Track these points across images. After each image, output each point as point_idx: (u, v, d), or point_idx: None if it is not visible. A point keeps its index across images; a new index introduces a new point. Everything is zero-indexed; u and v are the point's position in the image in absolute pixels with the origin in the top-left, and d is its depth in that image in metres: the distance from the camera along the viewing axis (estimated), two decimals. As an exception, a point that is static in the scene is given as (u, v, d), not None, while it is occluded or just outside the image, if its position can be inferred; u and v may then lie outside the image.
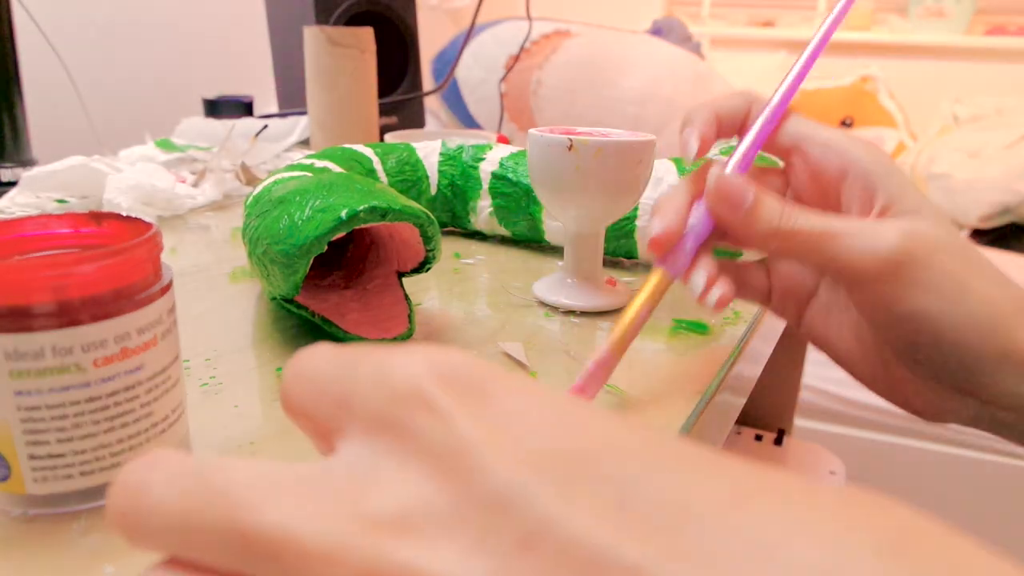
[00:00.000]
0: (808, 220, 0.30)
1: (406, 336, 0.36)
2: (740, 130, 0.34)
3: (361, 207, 0.32)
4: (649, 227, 0.32)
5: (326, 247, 0.33)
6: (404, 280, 0.39)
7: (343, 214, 0.32)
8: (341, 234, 0.33)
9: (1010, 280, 0.30)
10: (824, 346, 0.35)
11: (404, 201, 0.34)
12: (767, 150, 0.34)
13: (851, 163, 0.31)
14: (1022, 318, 0.29)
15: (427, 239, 0.36)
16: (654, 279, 0.31)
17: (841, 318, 0.34)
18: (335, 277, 0.41)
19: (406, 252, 0.38)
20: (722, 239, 0.33)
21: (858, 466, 1.22)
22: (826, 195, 0.33)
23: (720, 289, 0.31)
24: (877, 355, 0.33)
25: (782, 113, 0.34)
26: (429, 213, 0.35)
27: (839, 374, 1.28)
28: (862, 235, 0.29)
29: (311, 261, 0.33)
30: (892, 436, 1.25)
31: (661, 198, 0.33)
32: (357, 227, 0.33)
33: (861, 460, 1.24)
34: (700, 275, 0.31)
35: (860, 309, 0.32)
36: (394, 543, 0.12)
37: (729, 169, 0.32)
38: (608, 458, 0.13)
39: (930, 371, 0.31)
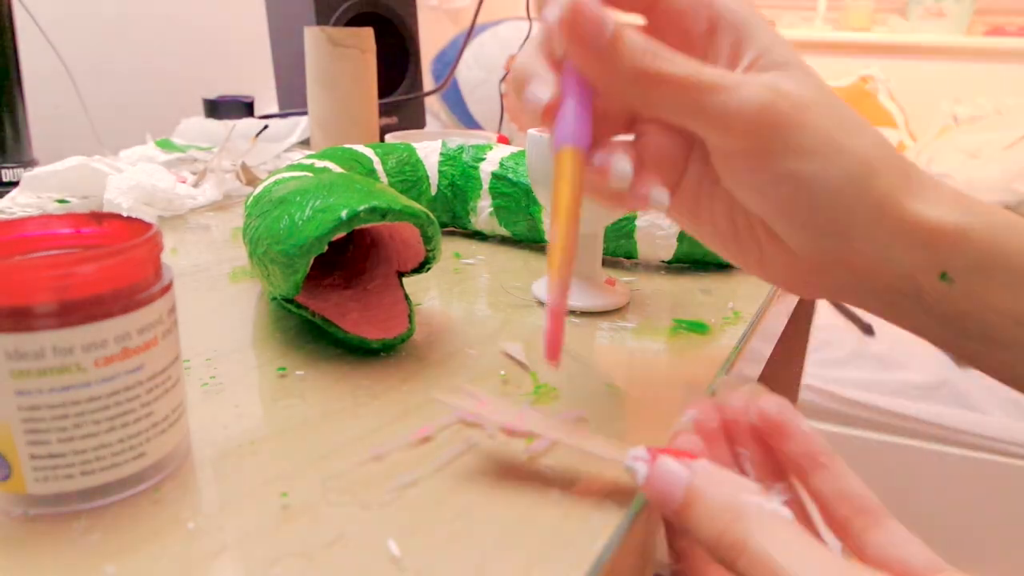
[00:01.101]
0: (676, 64, 0.26)
1: (406, 336, 0.36)
2: None
3: (361, 207, 0.32)
4: (524, 97, 0.27)
5: (326, 247, 0.33)
6: (404, 280, 0.39)
7: (343, 214, 0.32)
8: (341, 234, 0.33)
9: (885, 140, 0.28)
10: (695, 228, 0.32)
11: (404, 201, 0.34)
12: (625, 5, 0.29)
13: (721, 13, 0.28)
14: (896, 177, 0.28)
15: (427, 239, 0.36)
16: (564, 162, 0.26)
17: (712, 195, 0.31)
18: (335, 277, 0.41)
19: (406, 252, 0.38)
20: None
21: (858, 466, 1.21)
22: (691, 49, 0.29)
23: (656, 184, 0.28)
24: (749, 233, 0.30)
25: None
26: (429, 213, 0.35)
27: (839, 374, 1.28)
28: (731, 90, 0.26)
29: (311, 261, 0.33)
30: (892, 436, 1.25)
31: (521, 58, 0.28)
32: (357, 227, 0.33)
33: (861, 460, 1.24)
34: (621, 161, 0.27)
35: (731, 176, 0.29)
36: None
37: None
38: None
39: (804, 240, 0.29)
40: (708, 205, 0.31)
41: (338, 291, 0.39)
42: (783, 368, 0.87)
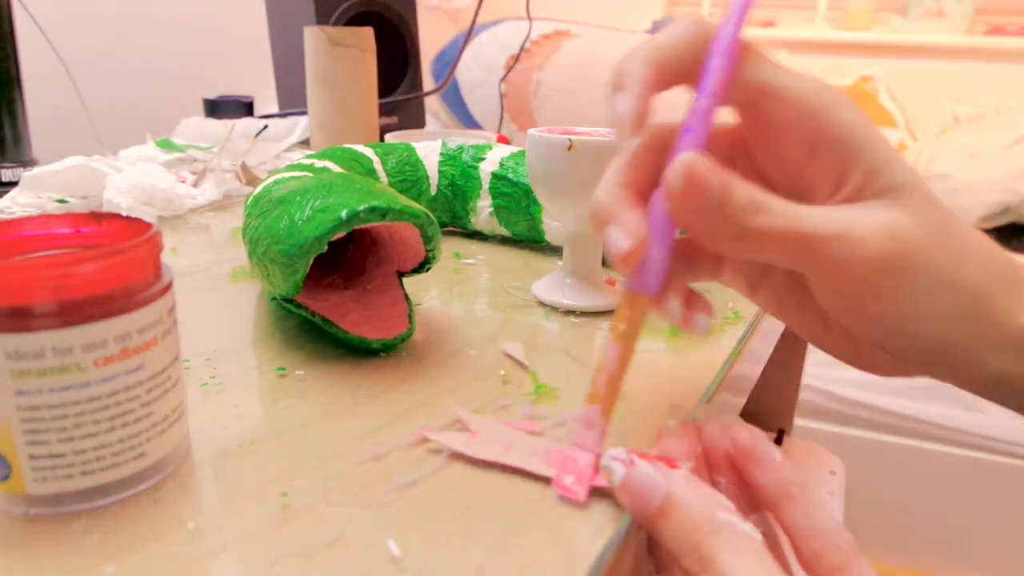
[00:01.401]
0: (778, 218, 0.25)
1: (406, 336, 0.36)
2: (691, 75, 0.27)
3: (361, 207, 0.32)
4: (604, 237, 0.25)
5: (326, 247, 0.33)
6: (404, 280, 0.39)
7: (343, 214, 0.32)
8: (341, 234, 0.33)
9: (996, 253, 0.27)
10: (781, 319, 0.31)
11: (404, 201, 0.34)
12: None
13: (826, 128, 0.26)
14: (1006, 297, 0.27)
15: (427, 239, 0.36)
16: (627, 308, 0.26)
17: (802, 300, 0.30)
18: (335, 277, 0.41)
19: (406, 252, 0.38)
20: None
21: (858, 466, 1.21)
22: (786, 161, 0.28)
23: (703, 313, 0.27)
24: (844, 335, 0.30)
25: (736, 50, 0.26)
26: (429, 213, 0.35)
27: (839, 374, 1.28)
28: (839, 240, 0.25)
29: (311, 261, 0.33)
30: (892, 436, 1.25)
31: (601, 194, 0.26)
32: (357, 227, 0.33)
33: (861, 460, 1.24)
34: (673, 303, 0.27)
35: (830, 306, 0.28)
36: None
37: (686, 148, 0.25)
38: None
39: (904, 357, 0.28)
40: (798, 308, 0.30)
41: (338, 291, 0.39)
42: (783, 368, 0.87)
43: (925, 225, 0.26)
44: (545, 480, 0.26)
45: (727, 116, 0.28)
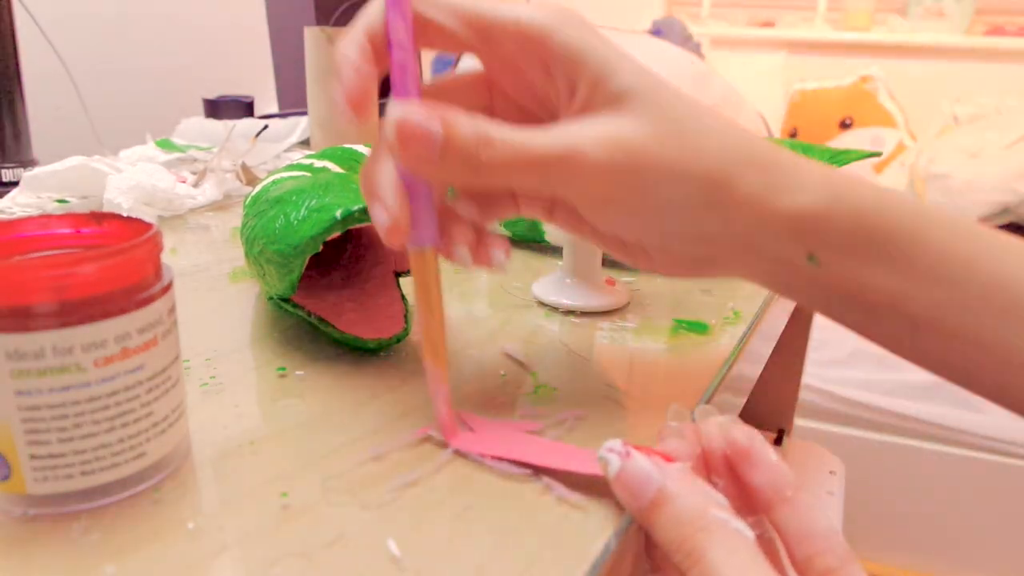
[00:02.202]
0: (507, 147, 0.26)
1: (401, 336, 0.36)
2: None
3: (356, 207, 0.33)
4: (373, 216, 0.27)
5: (322, 247, 0.33)
6: (405, 281, 0.39)
7: (338, 214, 0.32)
8: (336, 234, 0.33)
9: (741, 141, 0.28)
10: (582, 236, 0.32)
11: None
12: (442, 45, 0.28)
13: (550, 49, 0.27)
14: (754, 176, 0.28)
15: None
16: (420, 262, 0.28)
17: (583, 221, 0.31)
18: (333, 277, 0.41)
19: (402, 252, 0.38)
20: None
21: (858, 466, 1.21)
22: (534, 95, 0.29)
23: (498, 247, 0.29)
24: (631, 244, 0.31)
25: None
26: None
27: (839, 374, 1.28)
28: (562, 160, 0.26)
29: (306, 261, 0.33)
30: (892, 436, 1.25)
31: (365, 175, 0.28)
32: (355, 227, 0.33)
33: (861, 460, 1.24)
34: (461, 249, 0.28)
35: (590, 216, 0.30)
36: None
37: (400, 107, 0.25)
38: None
39: (676, 248, 0.30)
40: (582, 226, 0.31)
41: (335, 291, 0.39)
42: (783, 368, 0.87)
43: (652, 125, 0.27)
44: (547, 476, 0.26)
45: (473, 63, 0.30)
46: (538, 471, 0.27)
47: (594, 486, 0.26)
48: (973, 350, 0.29)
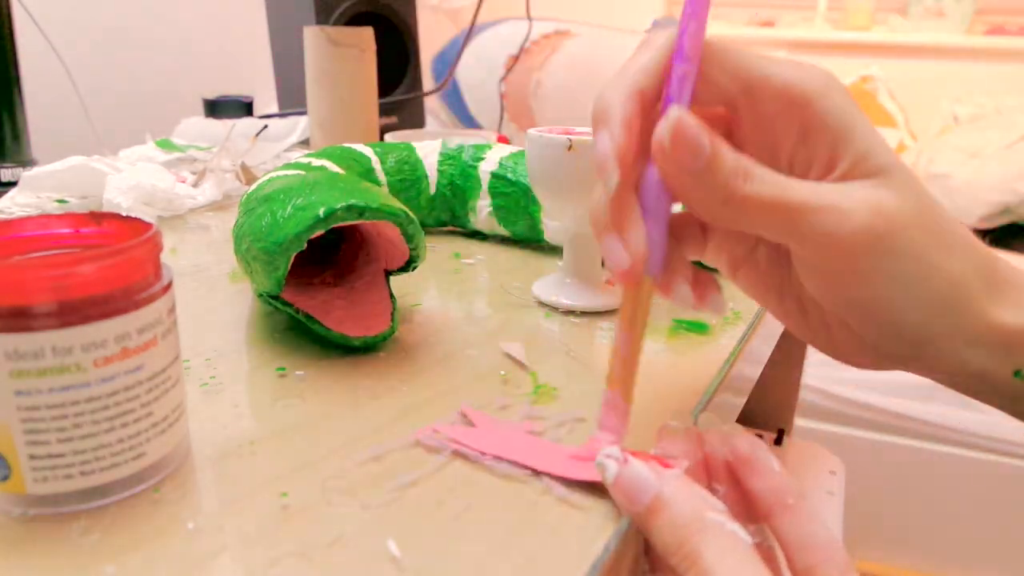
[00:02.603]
0: (767, 185, 0.25)
1: (387, 334, 0.36)
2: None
3: (339, 205, 0.33)
4: (604, 248, 0.26)
5: (318, 245, 0.33)
6: (402, 280, 0.39)
7: (321, 212, 0.33)
8: (320, 232, 0.33)
9: (976, 245, 0.27)
10: (760, 301, 0.31)
11: (383, 200, 0.34)
12: (703, 102, 0.27)
13: (815, 116, 0.26)
14: (981, 288, 0.27)
15: (408, 238, 0.36)
16: (632, 291, 0.27)
17: (782, 280, 0.30)
18: (326, 275, 0.41)
19: (393, 251, 0.38)
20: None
21: (858, 466, 1.21)
22: (775, 149, 0.28)
23: (713, 291, 0.28)
24: (820, 320, 0.30)
25: (704, 5, 0.26)
26: (409, 212, 0.35)
27: (839, 374, 1.28)
28: (826, 211, 0.25)
29: (292, 258, 0.33)
30: (892, 436, 1.25)
31: (598, 207, 0.27)
32: (348, 225, 0.33)
33: (861, 460, 1.24)
34: (682, 288, 0.27)
35: (813, 284, 0.28)
36: None
37: (673, 116, 0.25)
38: None
39: (881, 343, 0.28)
40: (777, 289, 0.30)
41: (326, 289, 0.39)
42: (783, 368, 0.87)
43: (911, 206, 0.26)
44: (549, 478, 0.26)
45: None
46: (538, 472, 0.27)
47: (594, 486, 0.26)
48: None
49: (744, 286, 0.31)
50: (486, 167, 0.54)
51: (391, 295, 0.38)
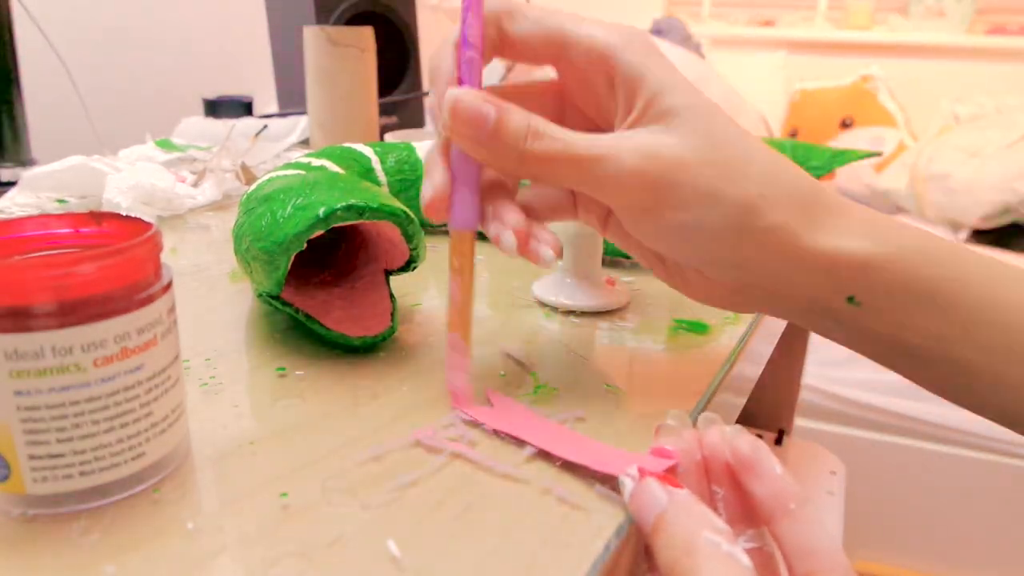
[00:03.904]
0: (554, 142, 0.28)
1: (388, 334, 0.36)
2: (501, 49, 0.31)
3: (339, 205, 0.33)
4: (422, 192, 0.30)
5: (318, 245, 0.33)
6: (402, 280, 0.39)
7: (320, 212, 0.33)
8: (320, 232, 0.33)
9: (782, 177, 0.29)
10: (629, 253, 0.34)
11: (384, 200, 0.34)
12: (523, 58, 0.31)
13: (614, 68, 0.29)
14: (787, 212, 0.29)
15: (408, 238, 0.36)
16: (456, 244, 0.30)
17: (627, 234, 0.33)
18: (326, 275, 0.41)
19: (393, 251, 0.38)
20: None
21: (858, 466, 1.22)
22: (599, 108, 0.31)
23: (546, 245, 0.30)
24: (674, 264, 0.32)
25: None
26: (409, 212, 0.35)
27: (839, 374, 1.28)
28: (603, 160, 0.28)
29: (292, 258, 0.33)
30: (892, 436, 1.25)
31: (426, 156, 0.31)
32: (348, 225, 0.33)
33: (861, 460, 1.24)
34: (507, 235, 0.30)
35: (629, 226, 0.31)
36: None
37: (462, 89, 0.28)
38: None
39: (710, 272, 0.31)
40: (629, 240, 0.33)
41: (327, 288, 0.39)
42: (783, 368, 0.87)
43: (693, 143, 0.28)
44: (548, 478, 0.26)
45: (549, 72, 0.32)
46: (547, 455, 0.27)
47: (594, 486, 0.26)
48: None
49: (615, 241, 0.34)
50: (486, 167, 0.54)
51: (391, 295, 0.38)
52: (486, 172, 0.31)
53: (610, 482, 0.26)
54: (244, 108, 1.00)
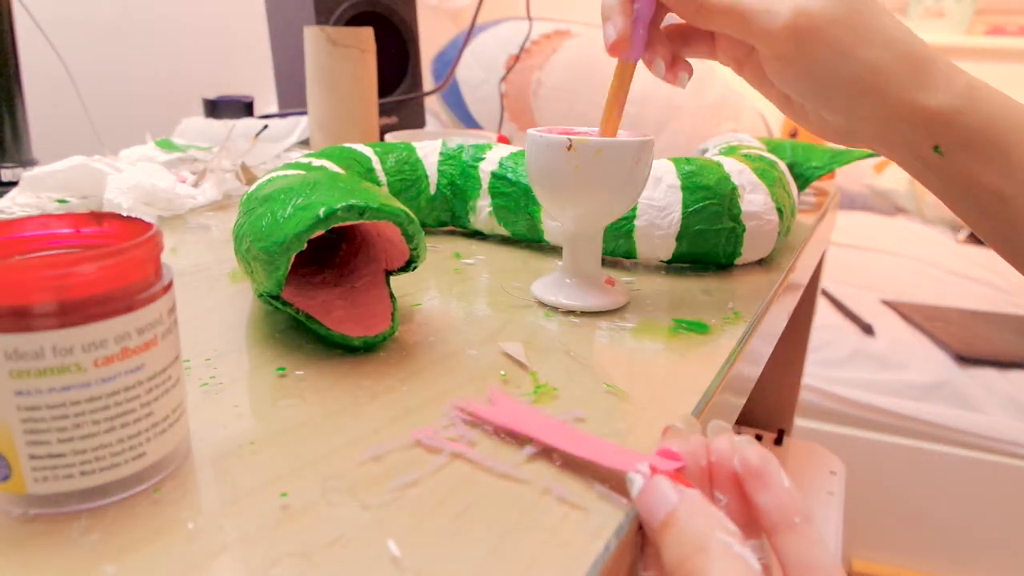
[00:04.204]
0: None
1: (388, 334, 0.36)
2: None
3: (339, 205, 0.33)
4: (604, 34, 0.39)
5: (318, 245, 0.33)
6: (402, 280, 0.39)
7: (321, 212, 0.33)
8: (320, 232, 0.33)
9: (903, 41, 0.36)
10: (762, 91, 0.42)
11: (383, 200, 0.34)
12: None
13: None
14: (903, 76, 0.36)
15: (409, 238, 0.36)
16: (618, 71, 0.40)
17: (765, 77, 0.41)
18: (326, 275, 0.41)
19: (393, 251, 0.38)
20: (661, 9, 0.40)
21: (858, 466, 1.21)
22: None
23: (685, 71, 0.41)
24: (800, 104, 0.40)
25: None
26: (409, 212, 0.35)
27: (839, 374, 1.28)
28: (762, 13, 0.36)
29: (292, 258, 0.33)
30: (892, 436, 1.25)
31: (604, 3, 0.39)
32: (348, 225, 0.33)
33: (861, 460, 1.24)
34: (659, 63, 0.40)
35: (770, 71, 0.39)
36: None
37: None
38: None
39: (829, 114, 0.39)
40: (764, 81, 0.41)
41: (327, 289, 0.39)
42: (783, 368, 0.87)
43: (835, 8, 0.35)
44: (548, 478, 0.26)
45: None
46: (547, 455, 0.27)
47: (594, 486, 0.26)
48: None
49: (749, 80, 0.42)
50: (486, 167, 0.54)
51: (391, 295, 0.38)
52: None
53: (610, 482, 0.26)
54: (244, 108, 1.00)
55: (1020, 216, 0.36)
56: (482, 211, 0.55)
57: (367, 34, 0.76)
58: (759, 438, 0.87)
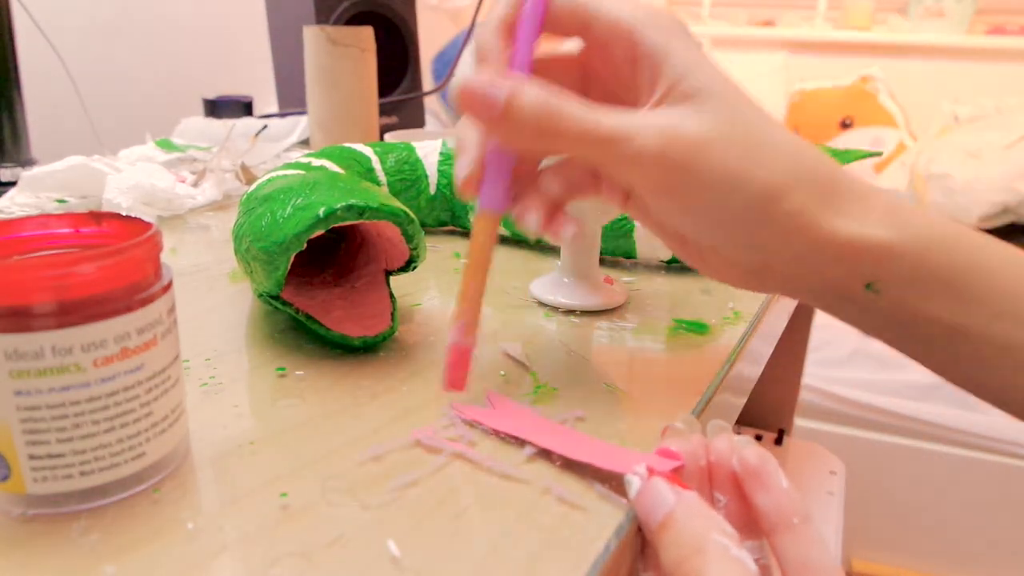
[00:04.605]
0: (573, 119, 0.27)
1: (388, 334, 0.36)
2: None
3: (339, 205, 0.33)
4: (456, 169, 0.30)
5: (318, 245, 0.33)
6: (402, 280, 0.39)
7: (320, 212, 0.33)
8: (320, 232, 0.33)
9: (805, 161, 0.29)
10: (653, 232, 0.34)
11: (383, 200, 0.34)
12: (549, 28, 0.31)
13: (637, 43, 0.29)
14: (809, 196, 0.28)
15: (409, 238, 0.36)
16: (480, 224, 0.30)
17: (649, 211, 0.33)
18: (326, 275, 0.41)
19: (393, 251, 0.38)
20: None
21: (858, 466, 1.21)
22: (622, 83, 0.30)
23: (569, 225, 0.31)
24: (694, 244, 0.32)
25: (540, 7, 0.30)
26: (409, 212, 0.35)
27: (839, 374, 1.28)
28: (626, 141, 0.27)
29: (292, 258, 0.33)
30: (892, 436, 1.25)
31: (458, 135, 0.31)
32: (348, 225, 0.33)
33: (861, 460, 1.24)
34: (531, 215, 0.30)
35: (651, 204, 0.31)
36: None
37: (479, 73, 0.28)
38: None
39: (728, 252, 0.31)
40: (650, 218, 0.32)
41: (327, 289, 0.39)
42: (783, 368, 0.87)
43: (715, 126, 0.28)
44: (548, 477, 0.26)
45: (573, 46, 0.32)
46: (547, 455, 0.27)
47: (594, 486, 0.26)
48: None
49: (637, 219, 0.33)
50: (486, 167, 0.54)
51: (391, 295, 0.38)
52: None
53: (610, 482, 0.26)
54: (244, 108, 1.00)
55: (984, 348, 0.29)
56: (482, 211, 0.55)
57: (367, 33, 0.76)
58: (759, 438, 0.87)
